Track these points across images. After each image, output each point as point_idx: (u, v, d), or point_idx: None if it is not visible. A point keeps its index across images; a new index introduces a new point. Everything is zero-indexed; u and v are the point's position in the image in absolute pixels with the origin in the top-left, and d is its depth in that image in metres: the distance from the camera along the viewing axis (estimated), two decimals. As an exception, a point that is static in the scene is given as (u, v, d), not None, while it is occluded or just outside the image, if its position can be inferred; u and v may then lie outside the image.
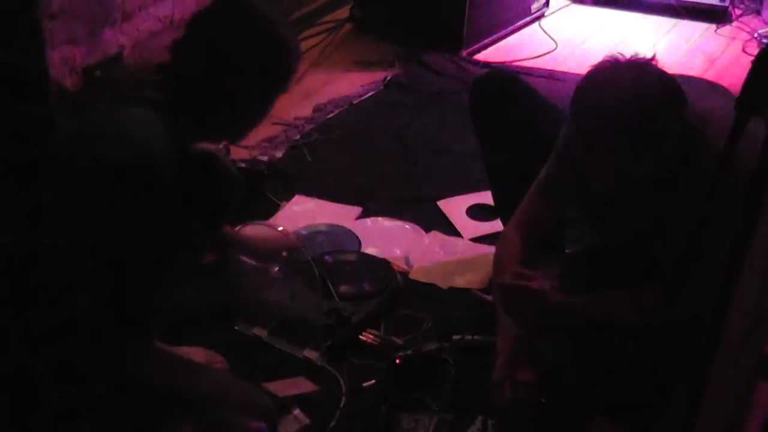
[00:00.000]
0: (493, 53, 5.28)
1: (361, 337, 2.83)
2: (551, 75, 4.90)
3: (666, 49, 5.33)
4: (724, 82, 3.95)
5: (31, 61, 1.44)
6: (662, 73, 2.19)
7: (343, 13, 5.47)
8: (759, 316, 1.84)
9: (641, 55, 2.22)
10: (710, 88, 2.56)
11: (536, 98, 2.98)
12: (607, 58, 2.22)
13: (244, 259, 3.01)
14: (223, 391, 2.29)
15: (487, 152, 3.05)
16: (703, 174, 1.75)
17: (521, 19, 5.59)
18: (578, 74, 2.32)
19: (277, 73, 2.28)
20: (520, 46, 5.38)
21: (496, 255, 2.68)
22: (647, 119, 2.12)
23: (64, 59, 3.87)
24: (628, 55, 2.21)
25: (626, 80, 2.15)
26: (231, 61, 2.20)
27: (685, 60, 5.13)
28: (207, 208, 2.40)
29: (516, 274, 2.46)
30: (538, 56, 5.23)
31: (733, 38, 5.41)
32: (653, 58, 2.22)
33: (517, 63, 5.12)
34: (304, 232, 3.34)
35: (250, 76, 2.22)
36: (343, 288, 2.97)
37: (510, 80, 3.10)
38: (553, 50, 5.32)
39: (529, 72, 4.90)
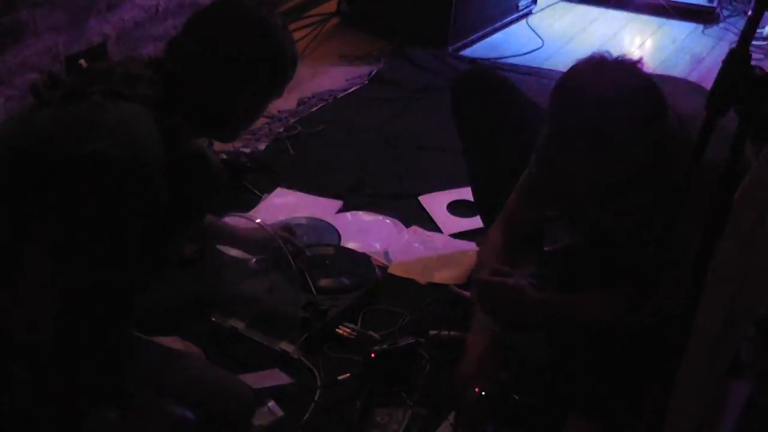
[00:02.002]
0: (479, 49, 5.28)
1: (338, 330, 2.84)
2: (537, 72, 4.90)
3: (652, 48, 5.35)
4: (709, 83, 3.93)
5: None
6: (647, 78, 2.17)
7: (330, 6, 5.47)
8: (731, 317, 1.85)
9: (629, 57, 2.20)
10: (691, 88, 2.54)
11: (518, 96, 2.98)
12: (594, 55, 2.21)
13: (223, 250, 3.01)
14: (201, 377, 2.29)
15: (468, 148, 3.05)
16: (680, 176, 1.75)
17: (508, 16, 5.59)
18: (563, 72, 2.30)
19: (272, 77, 2.27)
20: (506, 43, 5.39)
21: (479, 254, 2.69)
22: (628, 123, 2.10)
23: (48, 47, 3.87)
24: (615, 55, 2.20)
25: (608, 80, 2.13)
26: (227, 63, 2.18)
27: (671, 60, 5.14)
28: (192, 203, 2.40)
29: (492, 270, 2.46)
30: (525, 53, 5.23)
31: (720, 39, 5.43)
32: (640, 60, 2.20)
33: (503, 60, 5.13)
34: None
35: (245, 79, 2.21)
36: (321, 281, 2.97)
37: (492, 77, 3.09)
38: (539, 48, 5.32)
39: (515, 69, 4.91)
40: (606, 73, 2.15)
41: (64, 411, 1.95)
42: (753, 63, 1.46)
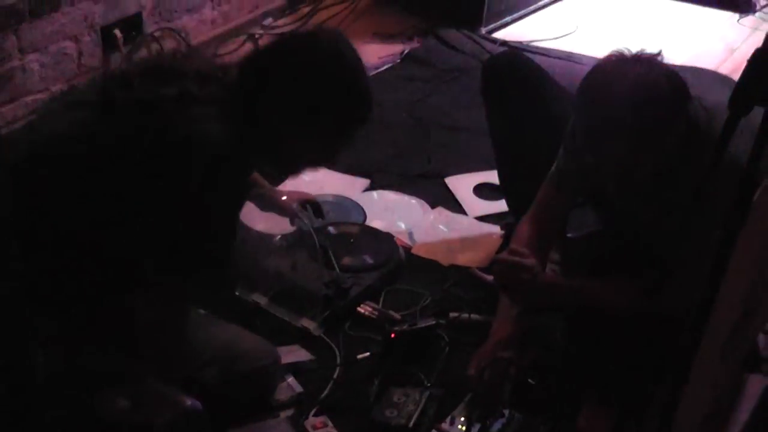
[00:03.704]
0: (512, 32, 5.26)
1: (359, 309, 2.85)
2: (569, 57, 4.88)
3: (686, 36, 5.31)
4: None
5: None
6: (668, 69, 2.18)
7: (366, -17, 5.47)
8: (748, 310, 1.86)
9: (648, 51, 2.21)
10: (720, 80, 2.54)
11: (548, 82, 2.98)
12: (613, 53, 2.22)
13: (249, 225, 3.04)
14: (233, 337, 2.39)
15: (495, 132, 3.06)
16: (703, 168, 1.76)
17: (543, -1, 5.57)
18: (596, 57, 2.31)
19: (347, 125, 2.28)
20: (540, 26, 5.36)
21: (510, 246, 2.69)
22: (651, 116, 2.12)
23: (83, 16, 3.90)
24: (634, 50, 2.21)
25: (632, 76, 2.14)
26: (303, 99, 2.16)
27: (704, 49, 5.10)
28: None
29: (511, 250, 2.48)
30: (558, 37, 5.21)
31: (755, 29, 5.38)
32: (659, 53, 2.21)
33: (536, 43, 5.11)
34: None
35: (320, 121, 2.20)
36: (345, 259, 2.99)
37: (523, 62, 3.09)
38: (573, 32, 5.30)
39: (548, 53, 4.89)
40: (628, 68, 2.16)
41: (76, 392, 1.99)
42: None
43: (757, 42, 1.46)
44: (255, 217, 3.07)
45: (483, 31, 5.12)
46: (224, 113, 2.08)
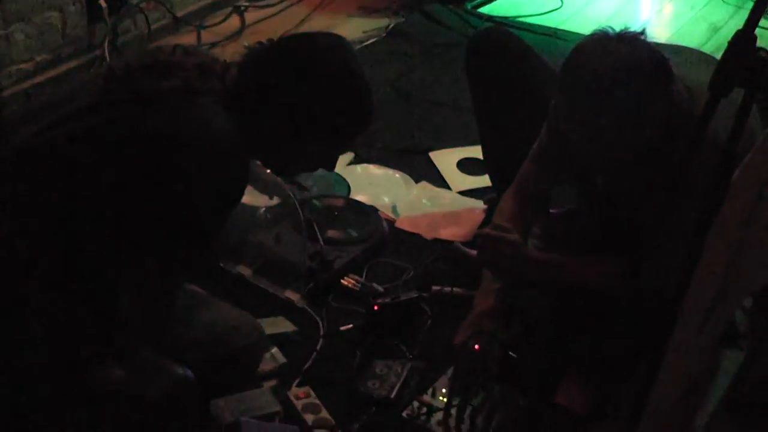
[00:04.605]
0: (497, 7, 5.25)
1: (343, 281, 2.88)
2: (554, 33, 4.89)
3: (670, 14, 5.31)
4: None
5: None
6: (651, 48, 2.21)
7: (351, -44, 5.45)
8: (723, 291, 1.89)
9: (631, 30, 2.23)
10: (702, 60, 2.56)
11: (533, 58, 2.99)
12: (597, 32, 2.24)
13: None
14: (217, 317, 2.40)
15: (479, 107, 3.08)
16: (684, 147, 1.78)
17: (528, -26, 5.57)
18: (581, 34, 2.32)
19: (346, 134, 2.24)
20: (525, 2, 5.36)
21: (493, 221, 2.72)
22: (633, 94, 2.14)
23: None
24: (618, 28, 2.22)
25: (615, 55, 2.16)
26: (302, 105, 2.13)
27: (687, 28, 5.11)
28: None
29: (494, 226, 2.50)
30: (543, 13, 5.21)
31: (740, 7, 5.36)
32: (643, 32, 2.23)
33: (521, 19, 5.11)
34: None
35: (318, 128, 2.17)
36: (329, 232, 3.01)
37: (508, 38, 3.09)
38: (558, 8, 5.30)
39: (533, 29, 4.90)
40: (611, 47, 2.18)
41: (70, 364, 2.01)
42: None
43: (742, 21, 1.47)
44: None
45: (468, 6, 5.12)
46: (226, 108, 2.09)
